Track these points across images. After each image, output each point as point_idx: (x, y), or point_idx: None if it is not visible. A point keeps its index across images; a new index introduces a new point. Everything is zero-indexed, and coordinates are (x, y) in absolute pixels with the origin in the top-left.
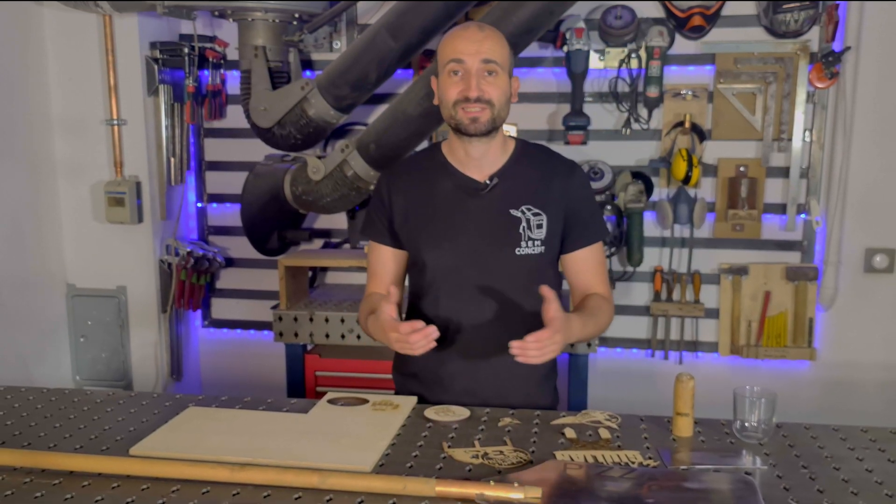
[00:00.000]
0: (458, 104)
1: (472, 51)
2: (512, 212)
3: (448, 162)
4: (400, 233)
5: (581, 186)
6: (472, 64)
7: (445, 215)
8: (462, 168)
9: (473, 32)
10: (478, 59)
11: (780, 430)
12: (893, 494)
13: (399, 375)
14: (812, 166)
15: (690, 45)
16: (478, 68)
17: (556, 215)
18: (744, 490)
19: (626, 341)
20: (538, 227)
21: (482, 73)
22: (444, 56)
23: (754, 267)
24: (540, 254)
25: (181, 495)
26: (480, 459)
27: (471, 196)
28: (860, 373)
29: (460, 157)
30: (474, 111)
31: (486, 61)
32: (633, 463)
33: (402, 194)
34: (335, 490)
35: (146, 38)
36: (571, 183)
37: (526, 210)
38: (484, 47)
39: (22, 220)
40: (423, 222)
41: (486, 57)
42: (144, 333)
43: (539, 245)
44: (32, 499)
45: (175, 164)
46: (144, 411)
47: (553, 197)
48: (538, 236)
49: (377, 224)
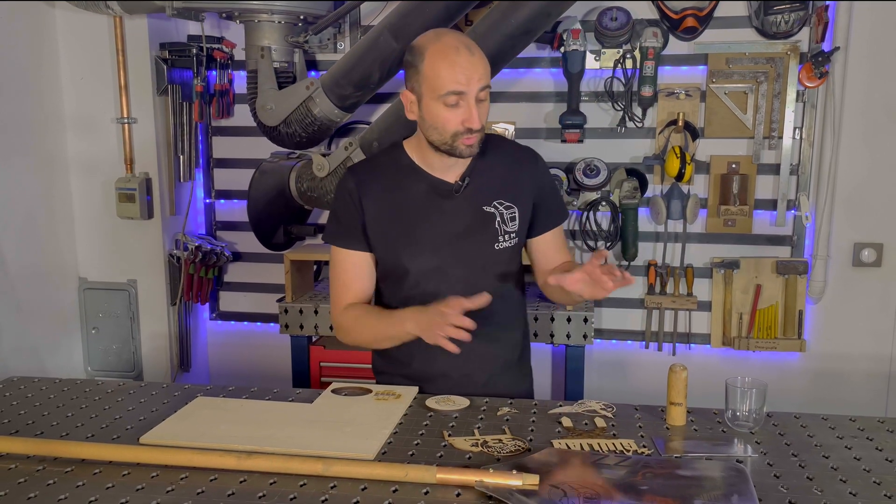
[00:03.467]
0: (459, 135)
1: (473, 79)
2: (485, 209)
3: (416, 164)
4: (372, 236)
5: (544, 173)
6: (472, 94)
7: (422, 218)
8: (432, 171)
9: (466, 60)
10: (476, 87)
11: (770, 420)
12: (881, 482)
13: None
14: (802, 163)
15: (684, 45)
16: (476, 96)
17: (525, 205)
18: (735, 477)
19: (621, 333)
20: (511, 219)
21: (478, 100)
22: (441, 85)
23: (745, 261)
24: (514, 245)
25: (189, 482)
26: (480, 447)
27: (444, 197)
28: (848, 364)
29: (430, 162)
30: (472, 140)
31: (482, 88)
32: (627, 451)
33: (373, 197)
34: (339, 477)
35: (156, 39)
36: (537, 171)
37: (498, 205)
38: (478, 73)
39: (35, 216)
40: (400, 226)
41: (483, 84)
42: (154, 325)
43: (513, 237)
44: (45, 486)
45: (184, 161)
46: (154, 401)
47: (523, 188)
48: (512, 229)
49: (351, 230)
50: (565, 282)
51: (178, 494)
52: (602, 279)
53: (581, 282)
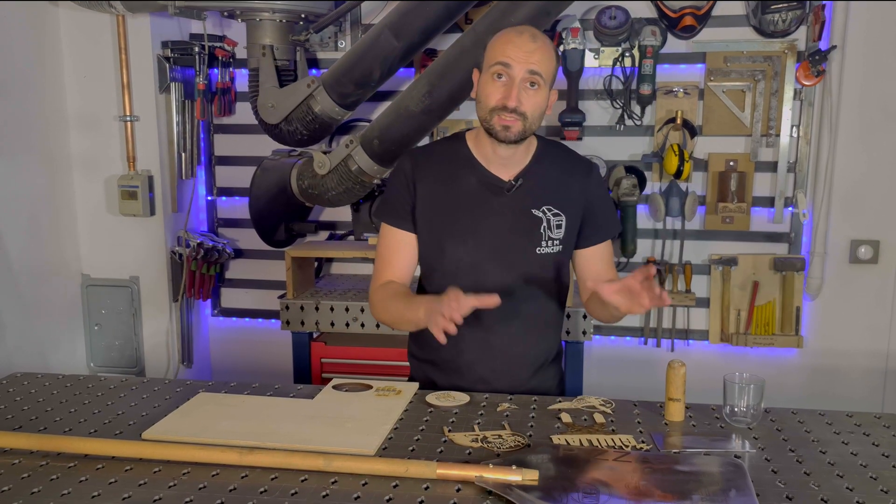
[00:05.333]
0: (496, 111)
1: (521, 59)
2: (534, 212)
3: (473, 156)
4: (420, 221)
5: (598, 185)
6: (517, 72)
7: (469, 211)
8: (487, 165)
9: (526, 41)
10: (524, 68)
11: (768, 415)
12: (878, 477)
13: (416, 360)
14: (799, 161)
15: (682, 44)
16: (522, 77)
17: (574, 215)
18: (733, 472)
19: (619, 329)
20: (557, 227)
21: (525, 83)
22: (493, 56)
23: (743, 258)
24: (558, 252)
25: (192, 477)
26: (480, 443)
27: (495, 194)
28: (845, 360)
29: (486, 154)
30: (508, 120)
31: (531, 72)
32: (626, 446)
33: (427, 183)
34: (340, 472)
35: (158, 38)
36: (589, 183)
37: (547, 210)
38: (533, 58)
39: (39, 213)
40: (448, 216)
41: (533, 69)
42: (156, 322)
43: (557, 244)
44: (48, 481)
45: (186, 158)
46: (156, 397)
47: (572, 197)
48: (557, 236)
49: (399, 208)
50: (603, 290)
51: (180, 489)
52: (641, 294)
53: (619, 293)
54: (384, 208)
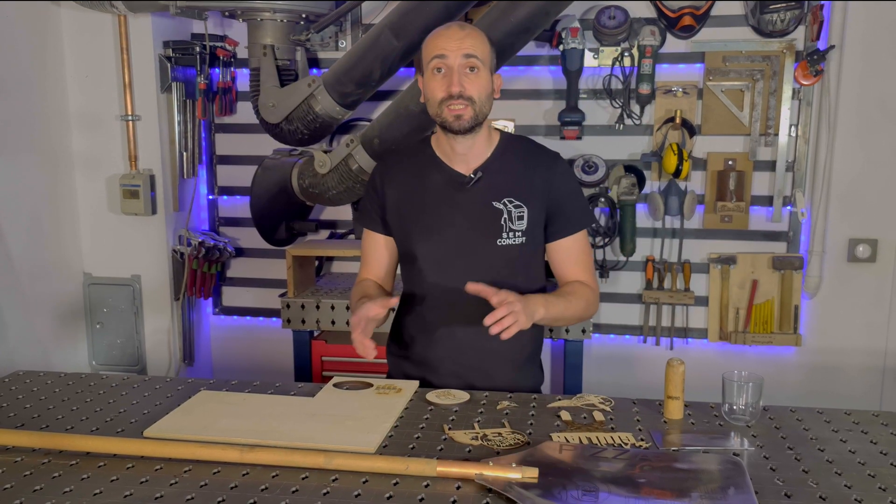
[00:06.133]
0: (444, 102)
1: (454, 47)
2: (494, 204)
3: (436, 156)
4: (391, 223)
5: (563, 177)
6: (453, 60)
7: (434, 208)
8: (449, 162)
9: (455, 31)
10: (459, 54)
11: (766, 413)
12: (876, 475)
13: (392, 357)
14: (797, 160)
15: (681, 43)
16: (459, 63)
17: (538, 207)
18: (732, 470)
19: (619, 328)
20: (519, 218)
21: (464, 68)
22: (428, 53)
23: (742, 256)
24: (521, 244)
25: (193, 475)
26: (480, 441)
27: (457, 189)
28: (843, 358)
29: (447, 152)
30: (458, 108)
31: (467, 56)
32: (625, 444)
33: (395, 186)
34: (341, 470)
35: (159, 38)
36: (553, 174)
37: (507, 202)
38: (465, 43)
39: (41, 212)
40: (415, 215)
41: (468, 52)
42: (158, 320)
43: (520, 236)
44: (50, 479)
45: (187, 157)
46: (158, 395)
47: (535, 189)
48: (519, 227)
49: (371, 213)
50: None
51: (182, 487)
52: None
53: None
54: (358, 214)
